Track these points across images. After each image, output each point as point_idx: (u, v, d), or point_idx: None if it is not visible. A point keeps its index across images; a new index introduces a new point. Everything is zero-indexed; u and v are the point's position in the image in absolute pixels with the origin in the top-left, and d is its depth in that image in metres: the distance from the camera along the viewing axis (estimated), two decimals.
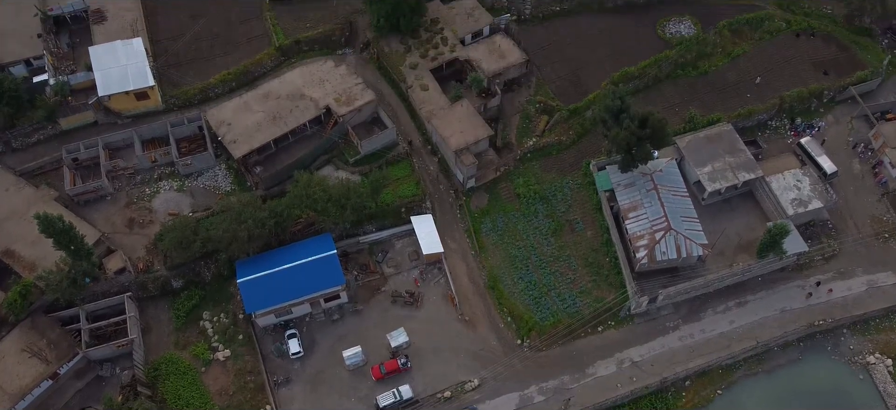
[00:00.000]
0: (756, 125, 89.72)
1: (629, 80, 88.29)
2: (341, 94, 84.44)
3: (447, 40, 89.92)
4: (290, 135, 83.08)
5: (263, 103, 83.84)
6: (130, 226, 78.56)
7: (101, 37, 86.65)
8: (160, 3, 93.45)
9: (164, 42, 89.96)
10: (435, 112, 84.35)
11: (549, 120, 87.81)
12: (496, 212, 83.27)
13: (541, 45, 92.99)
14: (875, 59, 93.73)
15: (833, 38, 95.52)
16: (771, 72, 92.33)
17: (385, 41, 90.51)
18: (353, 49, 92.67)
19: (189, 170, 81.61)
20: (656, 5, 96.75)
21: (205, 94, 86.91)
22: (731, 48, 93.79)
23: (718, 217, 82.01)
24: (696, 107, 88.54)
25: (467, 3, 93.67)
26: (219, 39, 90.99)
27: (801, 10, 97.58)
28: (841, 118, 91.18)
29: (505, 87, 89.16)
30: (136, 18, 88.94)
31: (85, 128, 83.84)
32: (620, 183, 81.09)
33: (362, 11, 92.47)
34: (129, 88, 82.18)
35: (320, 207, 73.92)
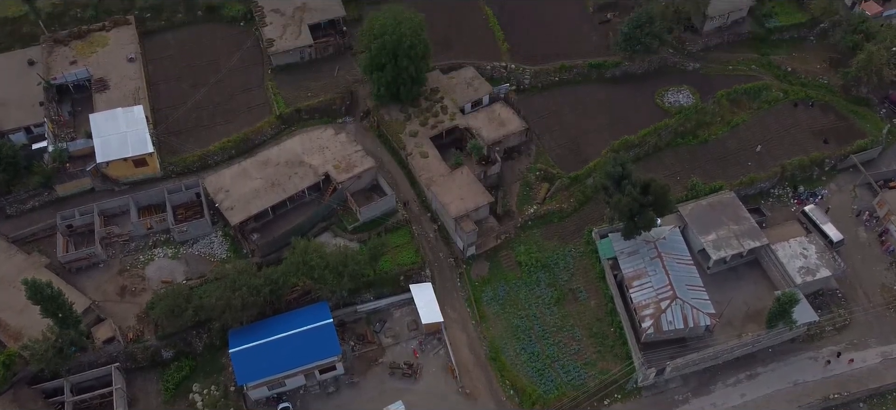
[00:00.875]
0: (759, 193, 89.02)
1: (629, 148, 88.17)
2: (341, 161, 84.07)
3: (447, 109, 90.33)
4: (288, 201, 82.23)
5: (262, 170, 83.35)
6: (122, 294, 76.62)
7: (103, 104, 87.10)
8: (163, 72, 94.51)
9: (165, 110, 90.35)
10: (435, 179, 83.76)
11: (550, 187, 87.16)
12: (497, 281, 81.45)
13: (540, 114, 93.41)
14: (874, 127, 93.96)
15: (831, 108, 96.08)
16: (771, 141, 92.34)
17: (385, 110, 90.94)
18: (353, 117, 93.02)
19: (184, 237, 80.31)
20: (654, 76, 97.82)
21: (204, 162, 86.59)
22: (731, 117, 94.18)
23: (724, 286, 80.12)
24: (697, 175, 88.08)
25: (467, 73, 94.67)
26: (220, 108, 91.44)
27: (798, 81, 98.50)
28: (844, 186, 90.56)
29: (505, 155, 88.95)
30: (138, 87, 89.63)
31: (82, 195, 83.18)
32: (623, 251, 79.63)
33: (363, 81, 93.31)
34: (127, 155, 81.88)
35: (317, 274, 72.21)
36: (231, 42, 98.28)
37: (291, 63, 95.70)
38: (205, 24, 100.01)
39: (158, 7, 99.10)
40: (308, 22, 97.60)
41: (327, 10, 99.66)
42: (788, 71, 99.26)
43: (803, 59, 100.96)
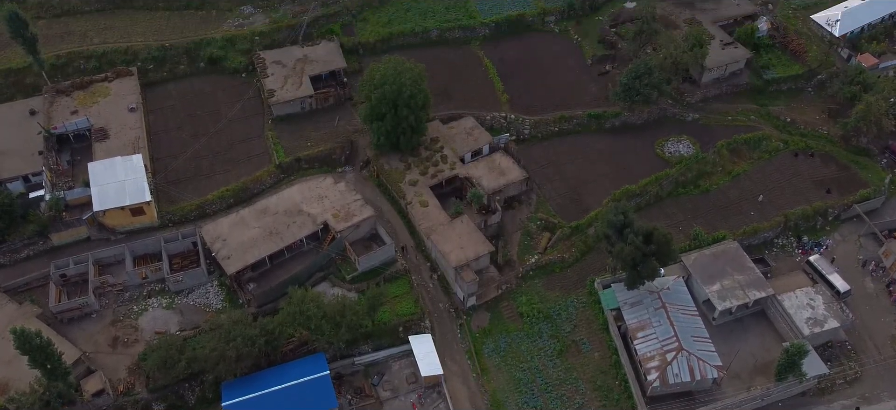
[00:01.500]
0: (762, 243, 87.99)
1: (631, 198, 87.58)
2: (340, 210, 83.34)
3: (447, 158, 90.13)
4: (285, 251, 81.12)
5: (260, 219, 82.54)
6: (114, 345, 74.72)
7: (102, 153, 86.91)
8: (163, 122, 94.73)
9: (165, 159, 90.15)
10: (434, 228, 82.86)
11: (551, 237, 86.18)
12: (498, 332, 79.64)
13: (540, 164, 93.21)
14: (876, 177, 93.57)
15: (832, 158, 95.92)
16: (773, 191, 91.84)
17: (385, 159, 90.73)
18: (353, 167, 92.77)
19: (180, 287, 78.88)
20: (653, 126, 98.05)
21: (202, 210, 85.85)
22: (731, 167, 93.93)
23: (730, 337, 78.35)
24: (699, 224, 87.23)
25: (467, 123, 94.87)
26: (219, 157, 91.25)
27: (798, 131, 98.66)
28: (848, 236, 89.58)
29: (505, 205, 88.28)
30: (138, 136, 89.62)
31: (77, 244, 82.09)
32: (627, 301, 78.16)
33: (363, 131, 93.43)
34: (125, 203, 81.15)
35: (314, 325, 70.54)
36: (232, 93, 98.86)
37: (292, 113, 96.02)
38: (207, 75, 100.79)
39: (161, 59, 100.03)
40: (309, 73, 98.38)
41: (329, 61, 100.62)
42: (787, 121, 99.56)
43: (802, 110, 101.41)
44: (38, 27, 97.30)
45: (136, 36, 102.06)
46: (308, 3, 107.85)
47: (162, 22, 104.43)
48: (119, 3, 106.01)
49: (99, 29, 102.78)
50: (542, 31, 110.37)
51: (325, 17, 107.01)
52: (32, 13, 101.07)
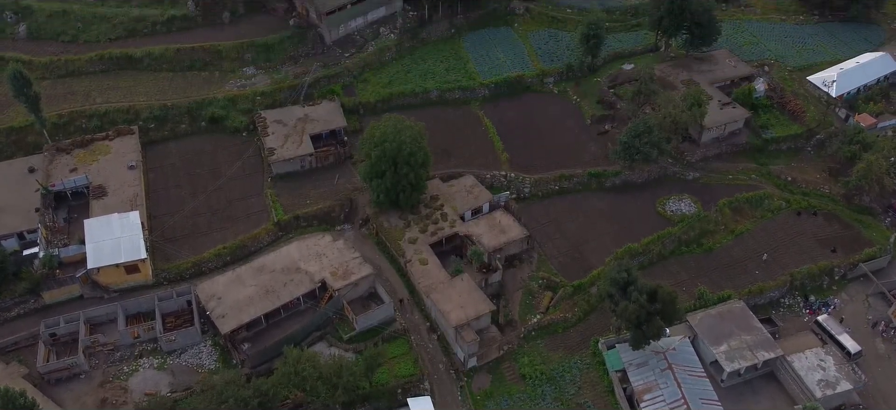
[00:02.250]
0: (769, 303, 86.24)
1: (633, 256, 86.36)
2: (338, 268, 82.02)
3: (447, 216, 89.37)
4: (282, 309, 79.42)
5: (257, 277, 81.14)
6: (102, 407, 72.13)
7: (100, 210, 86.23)
8: (163, 180, 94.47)
9: (162, 216, 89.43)
10: (434, 286, 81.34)
11: (554, 296, 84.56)
12: (500, 394, 77.06)
13: (541, 222, 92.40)
14: (881, 236, 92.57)
15: (835, 217, 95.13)
16: (777, 250, 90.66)
17: (385, 217, 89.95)
18: (352, 225, 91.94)
19: (172, 347, 76.80)
20: (654, 185, 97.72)
21: (198, 268, 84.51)
22: (734, 226, 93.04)
23: (740, 401, 75.89)
24: (704, 283, 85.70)
25: (467, 181, 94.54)
26: (217, 215, 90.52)
27: (799, 190, 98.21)
28: (855, 296, 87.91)
29: (506, 263, 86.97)
30: (136, 193, 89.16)
31: (70, 302, 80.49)
32: (632, 362, 75.99)
33: (363, 189, 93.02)
34: (120, 261, 79.94)
35: (310, 386, 68.28)
36: (233, 152, 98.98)
37: (292, 171, 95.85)
38: (208, 134, 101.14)
39: (163, 118, 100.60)
40: (310, 132, 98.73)
41: (329, 120, 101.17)
42: (788, 181, 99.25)
43: (802, 169, 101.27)
44: (42, 87, 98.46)
45: (139, 96, 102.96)
46: (309, 65, 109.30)
47: (165, 82, 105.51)
48: (123, 64, 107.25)
49: (102, 89, 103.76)
50: (541, 91, 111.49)
51: (327, 78, 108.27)
52: (37, 74, 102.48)
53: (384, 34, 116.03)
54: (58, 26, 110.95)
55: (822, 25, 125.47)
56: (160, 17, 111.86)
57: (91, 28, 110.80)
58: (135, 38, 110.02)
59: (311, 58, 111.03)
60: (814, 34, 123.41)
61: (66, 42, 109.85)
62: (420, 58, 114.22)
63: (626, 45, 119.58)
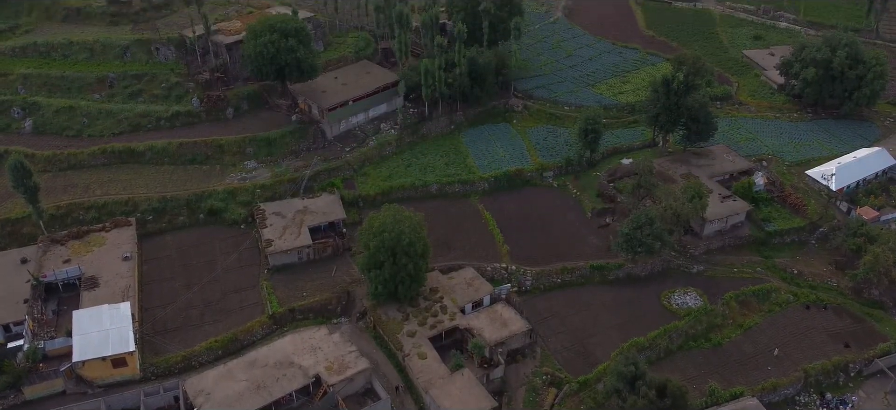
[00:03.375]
0: (783, 400, 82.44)
1: (640, 351, 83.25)
2: (333, 362, 78.89)
3: (447, 309, 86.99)
4: (273, 406, 75.57)
5: (248, 371, 77.85)
6: None
7: (90, 302, 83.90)
8: (157, 271, 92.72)
9: (154, 308, 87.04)
10: (433, 381, 77.88)
11: (558, 393, 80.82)
12: None
13: (544, 316, 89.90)
14: (894, 330, 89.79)
15: (845, 311, 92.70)
16: (788, 345, 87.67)
17: (383, 309, 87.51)
18: (349, 318, 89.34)
19: None
20: (658, 278, 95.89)
21: (188, 363, 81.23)
22: (742, 320, 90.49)
23: None
24: (714, 380, 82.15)
25: (467, 274, 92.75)
26: (211, 307, 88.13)
27: (806, 284, 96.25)
28: (873, 393, 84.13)
29: (508, 358, 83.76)
30: (129, 285, 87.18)
31: (53, 397, 76.68)
32: None
33: (361, 281, 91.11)
34: (107, 354, 76.85)
35: None
36: (230, 243, 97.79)
37: (289, 263, 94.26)
38: (206, 227, 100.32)
39: (161, 210, 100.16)
40: (308, 224, 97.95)
41: (328, 212, 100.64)
42: (794, 274, 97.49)
43: (808, 262, 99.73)
44: (43, 180, 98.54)
45: (139, 188, 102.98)
46: (310, 159, 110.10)
47: (166, 176, 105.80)
48: (125, 158, 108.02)
49: (102, 181, 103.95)
50: (541, 185, 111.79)
51: (327, 171, 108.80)
52: (39, 167, 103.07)
53: (385, 130, 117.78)
54: (63, 121, 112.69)
55: (816, 122, 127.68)
56: (165, 113, 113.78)
57: (96, 123, 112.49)
58: (139, 133, 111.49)
59: (312, 152, 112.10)
60: (809, 131, 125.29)
61: (71, 137, 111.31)
62: (420, 152, 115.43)
63: (623, 140, 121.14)
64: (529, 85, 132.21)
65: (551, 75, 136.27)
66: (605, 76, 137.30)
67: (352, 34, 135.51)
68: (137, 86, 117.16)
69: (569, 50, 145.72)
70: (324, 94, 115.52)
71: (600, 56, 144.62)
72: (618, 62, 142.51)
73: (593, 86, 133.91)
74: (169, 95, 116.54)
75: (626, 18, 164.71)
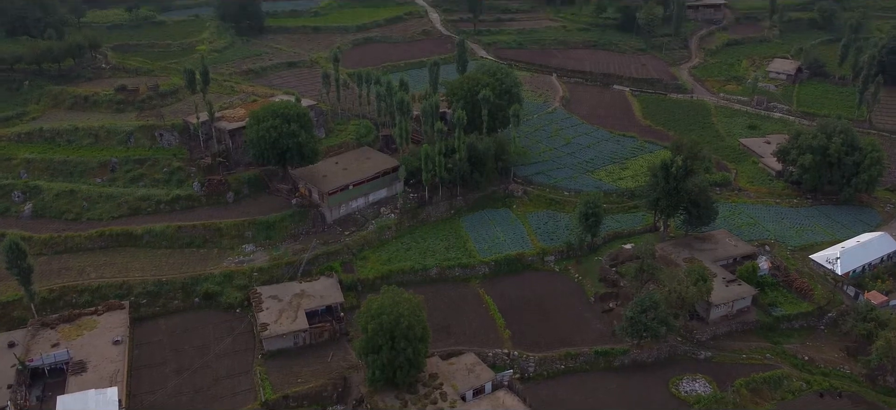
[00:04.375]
0: None
1: None
2: None
3: (447, 396, 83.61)
4: None
5: None
6: None
7: (76, 387, 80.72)
8: (148, 356, 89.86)
9: (143, 394, 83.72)
10: None
11: None
12: None
13: (549, 403, 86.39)
14: None
15: (861, 398, 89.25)
16: None
17: (380, 396, 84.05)
18: (345, 405, 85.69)
19: None
20: (665, 364, 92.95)
21: None
22: (754, 408, 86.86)
23: None
24: None
25: (468, 359, 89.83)
26: (201, 394, 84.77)
27: (818, 370, 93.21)
28: None
29: None
30: (118, 370, 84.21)
31: None
32: None
33: (358, 367, 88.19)
34: None
35: None
36: (224, 328, 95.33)
37: (284, 348, 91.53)
38: (201, 310, 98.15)
39: (156, 293, 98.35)
40: (305, 308, 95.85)
41: (326, 296, 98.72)
42: (805, 360, 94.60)
43: (818, 348, 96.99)
44: (38, 263, 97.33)
45: (135, 271, 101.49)
46: (309, 242, 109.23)
47: (162, 259, 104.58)
48: (123, 241, 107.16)
49: (98, 264, 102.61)
50: (542, 269, 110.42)
51: (326, 255, 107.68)
52: (35, 250, 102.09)
53: (385, 214, 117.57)
54: (63, 205, 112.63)
55: (816, 208, 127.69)
56: (165, 196, 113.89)
57: (96, 207, 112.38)
58: (138, 217, 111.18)
59: (311, 235, 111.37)
60: (810, 216, 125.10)
61: (70, 220, 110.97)
62: (420, 236, 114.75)
63: (624, 225, 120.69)
64: (529, 171, 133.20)
65: (550, 162, 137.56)
66: (603, 163, 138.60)
67: (353, 122, 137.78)
68: (139, 171, 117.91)
69: (567, 137, 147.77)
70: (324, 179, 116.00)
71: (598, 144, 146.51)
72: (616, 150, 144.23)
73: (592, 172, 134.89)
74: (170, 179, 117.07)
75: (622, 109, 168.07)
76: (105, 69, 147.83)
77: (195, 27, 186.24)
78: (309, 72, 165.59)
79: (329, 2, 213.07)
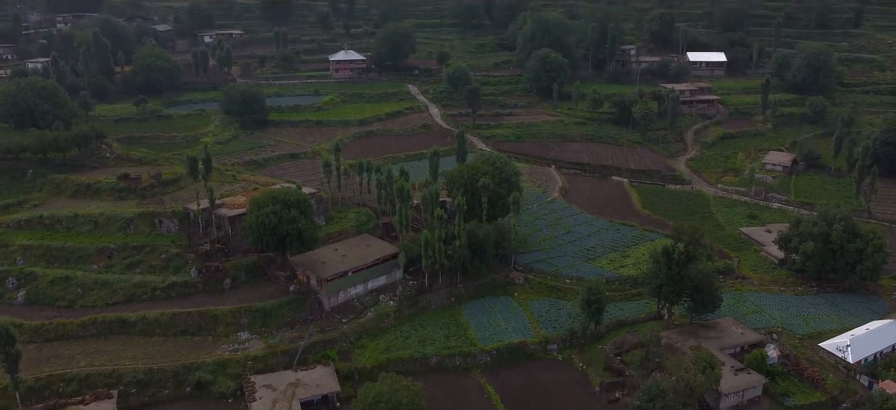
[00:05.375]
0: None
1: None
2: None
3: None
4: None
5: None
6: None
7: None
8: None
9: None
10: None
11: None
12: None
13: None
14: None
15: None
16: None
17: None
18: None
19: None
20: None
21: None
22: None
23: None
24: None
25: None
26: None
27: None
28: None
29: None
30: None
31: None
32: None
33: None
34: None
35: None
36: None
37: None
38: (192, 399, 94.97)
39: (146, 382, 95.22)
40: (300, 397, 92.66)
41: (322, 385, 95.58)
42: None
43: None
44: (27, 350, 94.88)
45: (126, 360, 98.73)
46: (306, 330, 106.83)
47: (155, 347, 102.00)
48: (116, 328, 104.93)
49: (88, 352, 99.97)
50: (545, 358, 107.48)
51: (323, 343, 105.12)
52: (25, 337, 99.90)
53: (384, 301, 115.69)
54: (57, 292, 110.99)
55: (822, 296, 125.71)
56: (161, 283, 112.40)
57: (90, 293, 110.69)
58: (132, 304, 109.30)
59: (308, 323, 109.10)
60: (816, 304, 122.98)
61: (63, 307, 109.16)
62: (419, 324, 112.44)
63: (628, 313, 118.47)
64: (529, 259, 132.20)
65: (551, 250, 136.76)
66: (604, 251, 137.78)
67: (353, 210, 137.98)
68: (137, 257, 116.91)
69: (567, 226, 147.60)
70: (323, 265, 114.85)
71: (599, 232, 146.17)
72: (617, 238, 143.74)
73: (593, 260, 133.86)
74: (167, 266, 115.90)
75: (621, 199, 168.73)
76: (109, 158, 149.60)
77: (200, 121, 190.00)
78: (311, 163, 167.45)
79: (332, 98, 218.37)
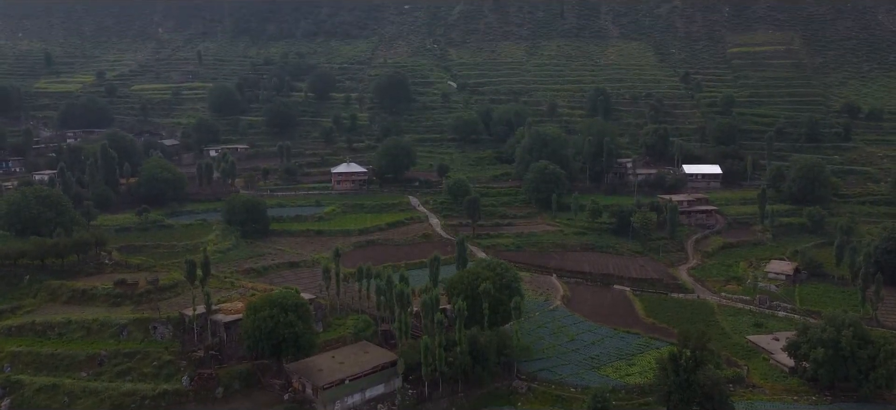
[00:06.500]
0: None
1: None
2: None
3: None
4: None
5: None
6: None
7: None
8: None
9: None
10: None
11: None
12: None
13: None
14: None
15: None
16: None
17: None
18: None
19: None
20: None
21: None
22: None
23: None
24: None
25: None
26: None
27: None
28: None
29: None
30: None
31: None
32: None
33: None
34: None
35: None
36: None
37: None
38: None
39: None
40: None
41: None
42: None
43: None
44: None
45: None
46: None
47: None
48: None
49: None
50: None
51: None
52: None
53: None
54: (44, 401, 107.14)
55: (837, 405, 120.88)
56: (151, 391, 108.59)
57: (78, 402, 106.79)
58: None
59: None
60: None
61: None
62: None
63: None
64: (533, 367, 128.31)
65: (555, 358, 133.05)
66: (609, 359, 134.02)
67: (352, 317, 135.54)
68: (128, 365, 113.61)
69: (570, 334, 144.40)
70: (319, 373, 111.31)
71: (603, 340, 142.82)
72: (621, 346, 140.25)
73: (598, 368, 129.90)
74: (159, 374, 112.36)
75: (624, 307, 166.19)
76: (107, 265, 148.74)
77: (202, 230, 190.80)
78: (310, 271, 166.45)
79: (333, 208, 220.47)
